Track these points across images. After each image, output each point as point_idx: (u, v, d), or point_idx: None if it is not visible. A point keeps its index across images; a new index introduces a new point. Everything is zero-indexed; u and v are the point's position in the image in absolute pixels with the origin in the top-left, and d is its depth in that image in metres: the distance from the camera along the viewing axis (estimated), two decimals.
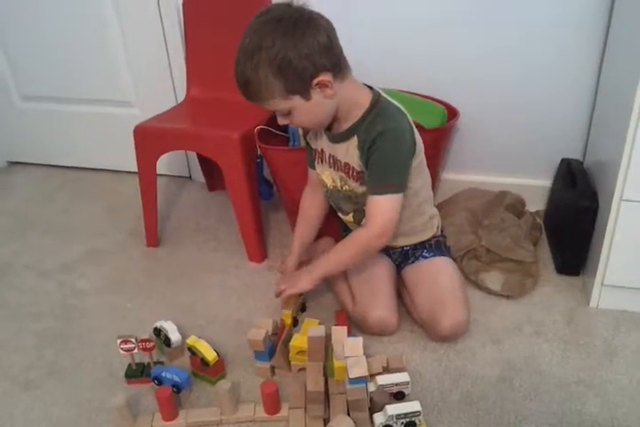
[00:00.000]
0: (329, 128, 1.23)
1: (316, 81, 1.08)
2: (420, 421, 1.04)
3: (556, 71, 1.62)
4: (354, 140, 1.19)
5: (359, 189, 1.24)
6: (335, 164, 1.27)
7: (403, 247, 1.38)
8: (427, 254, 1.36)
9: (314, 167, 1.36)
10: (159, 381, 1.18)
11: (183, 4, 1.79)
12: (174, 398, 1.12)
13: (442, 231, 1.41)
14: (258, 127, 1.49)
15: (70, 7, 1.94)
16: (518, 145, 1.75)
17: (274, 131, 1.53)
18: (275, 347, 1.23)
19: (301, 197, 1.43)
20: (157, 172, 1.66)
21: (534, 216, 1.67)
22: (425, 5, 1.63)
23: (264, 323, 1.23)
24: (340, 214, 1.38)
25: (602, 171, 1.42)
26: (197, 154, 1.95)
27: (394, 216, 1.17)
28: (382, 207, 1.17)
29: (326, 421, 1.08)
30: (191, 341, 1.21)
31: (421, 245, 1.37)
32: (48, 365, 1.30)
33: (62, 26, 1.99)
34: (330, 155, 1.27)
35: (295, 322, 1.36)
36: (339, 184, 1.29)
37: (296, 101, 1.10)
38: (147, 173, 1.66)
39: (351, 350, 1.07)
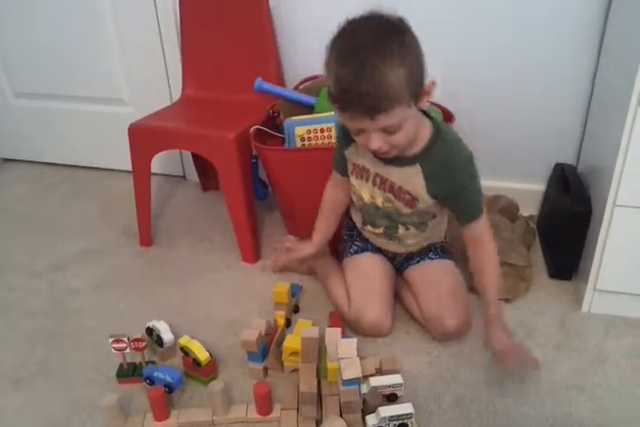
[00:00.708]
0: None
1: (426, 86, 1.04)
2: (412, 423, 1.04)
3: (550, 77, 1.63)
4: (416, 169, 1.15)
5: (405, 210, 1.23)
6: (382, 184, 1.21)
7: (411, 251, 1.38)
8: (433, 256, 1.37)
9: (342, 173, 1.31)
10: (151, 381, 1.17)
11: (180, 3, 1.78)
12: (166, 398, 1.12)
13: (445, 236, 1.42)
14: (253, 127, 1.49)
15: (65, 4, 1.93)
16: (512, 149, 1.76)
17: (269, 131, 1.53)
18: (268, 348, 1.22)
19: (324, 191, 1.37)
20: (151, 171, 1.65)
21: (528, 220, 1.68)
22: (420, 8, 1.64)
23: (257, 324, 1.22)
24: (368, 227, 1.34)
25: (595, 176, 1.43)
26: (192, 153, 1.94)
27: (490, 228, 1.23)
28: (485, 226, 1.20)
29: (319, 422, 1.08)
30: (184, 341, 1.20)
31: (427, 248, 1.38)
32: (39, 363, 1.29)
33: (57, 22, 1.98)
34: (377, 174, 1.21)
35: (288, 323, 1.36)
36: (379, 201, 1.25)
37: (412, 109, 1.03)
38: (141, 172, 1.65)
39: (345, 352, 1.07)
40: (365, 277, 1.34)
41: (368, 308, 1.29)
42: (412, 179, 1.17)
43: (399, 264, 1.41)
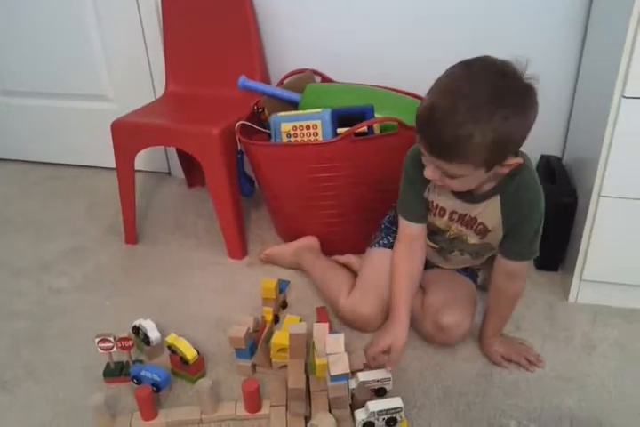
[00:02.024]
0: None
1: (508, 162, 0.99)
2: (401, 417, 1.04)
3: (535, 68, 1.62)
4: (495, 200, 1.10)
5: (473, 240, 1.20)
6: (460, 219, 1.17)
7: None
8: (460, 271, 1.34)
9: (418, 219, 1.21)
10: (138, 380, 1.16)
11: None
12: (154, 397, 1.10)
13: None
14: (239, 122, 1.47)
15: (48, 1, 1.91)
16: None
17: (255, 126, 1.52)
18: (256, 344, 1.22)
19: (395, 255, 1.24)
20: (136, 167, 1.64)
21: None
22: (408, 3, 1.64)
23: (245, 320, 1.22)
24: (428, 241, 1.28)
25: (581, 167, 1.44)
26: (177, 149, 1.93)
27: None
28: (525, 270, 1.18)
29: (308, 418, 1.08)
30: (171, 339, 1.19)
31: None
32: (24, 365, 1.27)
33: (40, 20, 1.96)
34: (453, 211, 1.17)
35: (276, 319, 1.36)
36: (450, 231, 1.21)
37: (476, 173, 0.98)
38: (125, 169, 1.64)
39: (332, 348, 1.07)
40: (378, 273, 1.31)
41: (365, 302, 1.28)
42: (489, 210, 1.12)
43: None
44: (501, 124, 0.91)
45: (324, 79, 1.74)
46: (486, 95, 0.91)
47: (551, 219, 1.43)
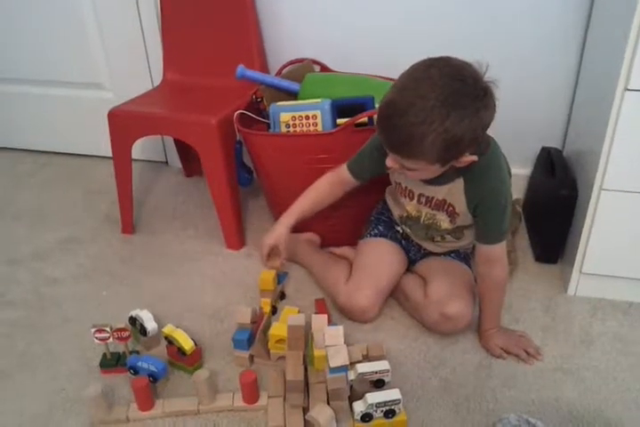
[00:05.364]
0: None
1: (463, 159, 1.04)
2: (399, 409, 1.04)
3: (536, 60, 1.62)
4: (459, 183, 1.14)
5: (445, 224, 1.23)
6: (428, 202, 1.22)
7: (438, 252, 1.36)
8: (454, 256, 1.34)
9: (357, 178, 1.29)
10: (135, 370, 1.16)
11: None
12: (151, 387, 1.10)
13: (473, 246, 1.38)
14: (237, 112, 1.46)
15: None
16: (498, 133, 1.72)
17: (253, 116, 1.50)
18: (254, 335, 1.21)
19: (321, 180, 1.33)
20: (133, 157, 1.62)
21: (514, 204, 1.67)
22: None
23: (243, 311, 1.21)
24: (407, 229, 1.34)
25: (581, 160, 1.43)
26: (174, 139, 1.91)
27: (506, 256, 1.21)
28: (501, 253, 1.18)
29: (306, 410, 1.07)
30: (168, 330, 1.19)
31: (452, 250, 1.36)
32: (20, 355, 1.27)
33: (35, 6, 1.92)
34: (420, 194, 1.22)
35: (274, 310, 1.35)
36: (422, 216, 1.26)
37: (432, 167, 1.04)
38: (122, 159, 1.62)
39: (331, 339, 1.06)
40: (371, 263, 1.33)
41: (360, 292, 1.28)
42: (455, 193, 1.16)
43: (416, 256, 1.39)
44: (453, 127, 0.94)
45: (324, 69, 1.72)
46: (441, 98, 0.93)
47: (551, 211, 1.44)
